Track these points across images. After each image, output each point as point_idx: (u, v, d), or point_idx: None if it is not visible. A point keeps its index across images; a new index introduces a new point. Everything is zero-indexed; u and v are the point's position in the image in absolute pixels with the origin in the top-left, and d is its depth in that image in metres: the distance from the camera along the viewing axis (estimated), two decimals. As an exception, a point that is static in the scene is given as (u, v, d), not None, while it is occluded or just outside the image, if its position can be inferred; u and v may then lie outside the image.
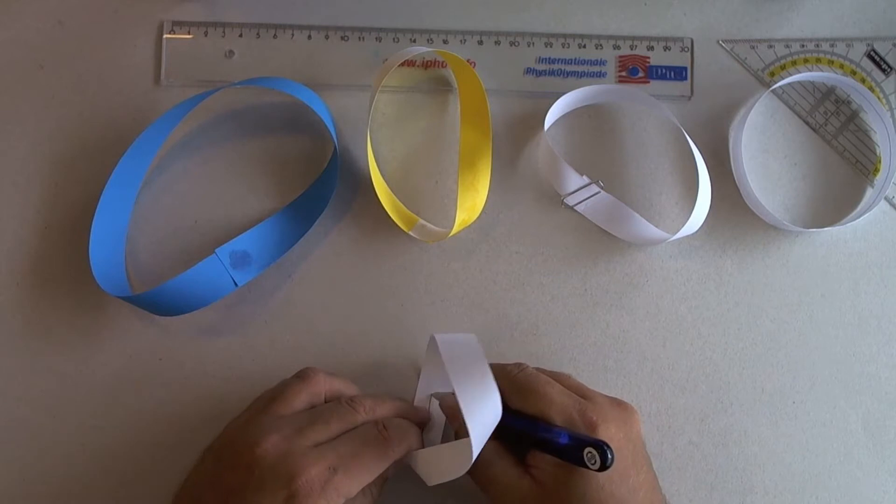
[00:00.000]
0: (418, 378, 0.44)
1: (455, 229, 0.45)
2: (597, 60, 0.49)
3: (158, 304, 0.44)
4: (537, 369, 0.42)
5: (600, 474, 0.36)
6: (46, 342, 0.46)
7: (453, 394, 0.42)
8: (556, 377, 0.41)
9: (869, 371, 0.47)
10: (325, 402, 0.41)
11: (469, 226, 0.47)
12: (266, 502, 0.35)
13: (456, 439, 0.40)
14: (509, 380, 0.40)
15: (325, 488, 0.36)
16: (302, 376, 0.40)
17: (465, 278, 0.47)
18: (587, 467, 0.35)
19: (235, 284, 0.44)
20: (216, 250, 0.44)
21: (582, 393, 0.40)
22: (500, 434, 0.40)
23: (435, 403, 0.43)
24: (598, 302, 0.47)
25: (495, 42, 0.49)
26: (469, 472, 0.39)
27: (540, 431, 0.38)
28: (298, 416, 0.39)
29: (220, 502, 0.37)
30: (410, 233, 0.46)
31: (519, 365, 0.41)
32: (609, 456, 0.35)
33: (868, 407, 0.46)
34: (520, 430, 0.39)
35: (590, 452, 0.35)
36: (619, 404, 0.40)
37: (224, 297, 0.45)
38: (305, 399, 0.40)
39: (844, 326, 0.47)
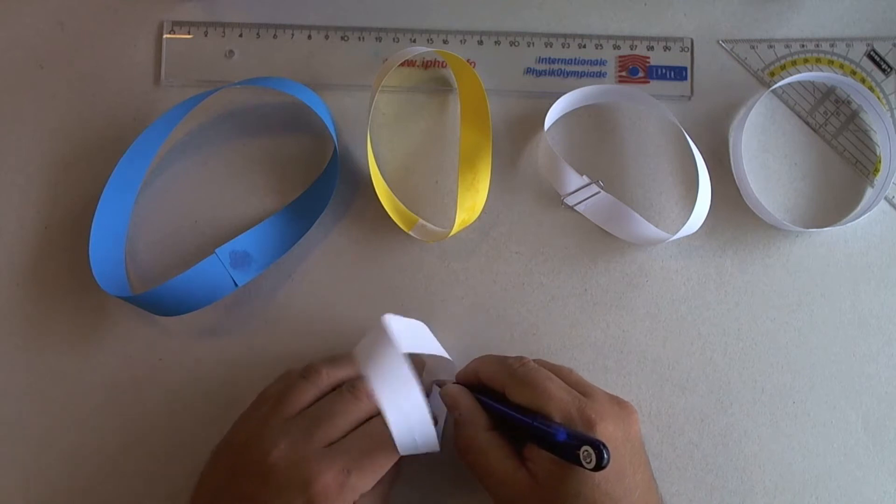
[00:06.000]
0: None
1: (455, 229, 0.45)
2: (597, 60, 0.49)
3: (158, 304, 0.44)
4: (539, 362, 0.41)
5: (596, 473, 0.36)
6: (46, 342, 0.46)
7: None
8: (558, 371, 0.41)
9: (869, 371, 0.47)
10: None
11: (469, 226, 0.47)
12: None
13: (456, 428, 0.40)
14: (510, 373, 0.40)
15: (342, 490, 0.36)
16: (306, 375, 0.40)
17: (465, 278, 0.47)
18: (582, 466, 0.35)
19: (235, 284, 0.44)
20: (216, 250, 0.44)
21: (582, 389, 0.40)
22: (498, 425, 0.40)
23: (436, 391, 0.42)
24: (598, 302, 0.47)
25: (495, 42, 0.49)
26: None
27: (538, 426, 0.38)
28: (305, 415, 0.39)
29: None
30: (410, 233, 0.46)
31: (520, 358, 0.41)
32: (605, 456, 0.35)
33: (868, 407, 0.46)
34: (518, 423, 0.39)
35: (586, 451, 0.35)
36: (618, 403, 0.40)
37: (224, 297, 0.45)
38: (311, 399, 0.40)
39: (844, 326, 0.47)
